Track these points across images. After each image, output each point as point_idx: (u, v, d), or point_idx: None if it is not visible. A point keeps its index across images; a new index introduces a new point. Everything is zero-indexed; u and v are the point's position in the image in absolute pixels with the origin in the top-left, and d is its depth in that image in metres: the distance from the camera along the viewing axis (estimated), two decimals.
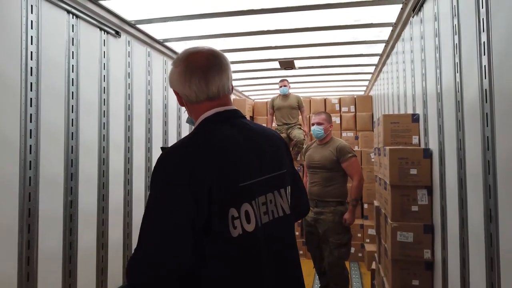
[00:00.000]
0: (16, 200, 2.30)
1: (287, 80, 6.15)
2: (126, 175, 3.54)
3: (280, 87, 6.13)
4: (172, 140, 4.52)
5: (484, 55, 1.67)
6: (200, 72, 1.18)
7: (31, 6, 2.42)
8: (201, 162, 1.06)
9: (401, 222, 2.73)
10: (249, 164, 1.16)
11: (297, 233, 5.35)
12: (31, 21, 2.42)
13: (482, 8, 1.68)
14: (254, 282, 1.10)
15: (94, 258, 3.06)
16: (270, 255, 1.14)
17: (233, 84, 1.41)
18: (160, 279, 1.00)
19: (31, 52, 2.41)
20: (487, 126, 1.65)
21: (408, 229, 2.69)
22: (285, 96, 6.22)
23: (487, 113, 1.64)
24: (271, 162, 1.24)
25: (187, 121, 1.41)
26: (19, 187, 2.31)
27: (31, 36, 2.42)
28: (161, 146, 4.11)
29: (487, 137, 1.64)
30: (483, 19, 1.68)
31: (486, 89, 1.65)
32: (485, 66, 1.66)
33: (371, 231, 5.30)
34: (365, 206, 5.77)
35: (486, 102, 1.65)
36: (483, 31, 1.68)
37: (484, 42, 1.67)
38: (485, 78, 1.65)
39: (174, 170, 1.06)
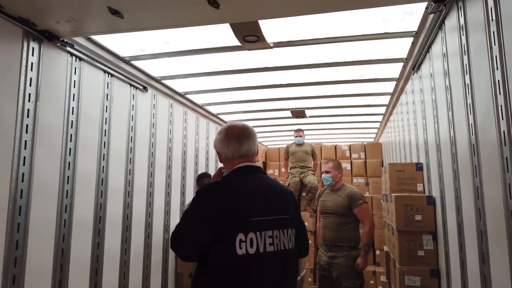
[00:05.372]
0: (52, 241, 2.53)
1: (302, 131, 6.49)
2: (147, 219, 3.76)
3: (296, 136, 6.47)
4: (190, 186, 4.77)
5: (471, 114, 1.91)
6: (235, 138, 1.74)
7: (75, 68, 2.79)
8: (222, 199, 1.57)
9: (408, 266, 2.86)
10: (263, 205, 1.62)
11: (309, 279, 5.39)
12: (74, 81, 2.78)
13: (467, 74, 1.95)
14: (244, 285, 1.54)
15: None
16: (267, 271, 1.56)
17: None
18: (181, 250, 1.62)
19: (73, 107, 2.75)
20: (476, 177, 1.85)
21: (415, 273, 2.81)
22: (299, 144, 6.53)
23: (475, 165, 1.86)
24: (279, 207, 1.68)
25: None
26: (55, 229, 2.55)
27: (73, 94, 2.77)
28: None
29: (477, 186, 1.84)
30: (468, 84, 1.94)
31: (473, 144, 1.87)
32: (471, 124, 1.89)
33: (384, 278, 5.30)
34: (377, 252, 5.80)
35: (474, 155, 1.87)
36: (469, 93, 1.93)
37: (469, 103, 1.92)
38: (472, 135, 1.88)
39: (202, 201, 1.62)
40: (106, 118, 3.14)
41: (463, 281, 2.17)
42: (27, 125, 2.33)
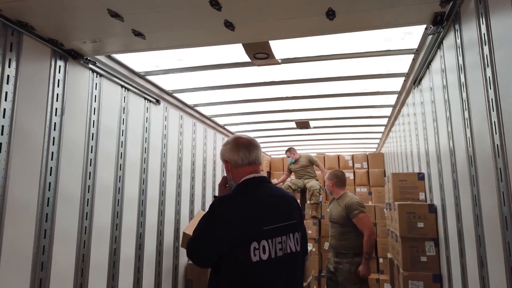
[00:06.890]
0: (74, 247, 2.68)
1: (290, 151, 6.85)
2: (159, 226, 3.91)
3: (287, 157, 6.90)
4: (198, 195, 4.92)
5: (468, 128, 2.07)
6: (244, 147, 1.89)
7: (96, 84, 2.97)
8: (236, 212, 1.68)
9: (412, 271, 2.99)
10: (272, 214, 1.74)
11: (315, 287, 5.51)
12: (95, 95, 2.96)
13: (464, 91, 2.11)
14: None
15: None
16: (279, 274, 1.69)
17: None
18: (197, 260, 1.76)
19: (93, 120, 2.92)
20: (474, 186, 2.01)
21: (418, 278, 2.94)
22: (295, 162, 6.89)
23: (473, 175, 2.01)
24: (286, 214, 1.81)
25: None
26: (77, 236, 2.70)
27: (94, 108, 2.94)
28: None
29: (475, 195, 1.99)
30: (465, 99, 2.10)
31: (471, 156, 2.03)
32: (469, 137, 2.05)
33: (388, 286, 5.40)
34: (381, 260, 5.91)
35: (472, 166, 2.02)
36: (466, 108, 2.09)
37: (466, 117, 2.08)
38: (470, 147, 2.04)
39: (215, 214, 1.72)
40: (122, 130, 3.31)
41: (464, 284, 2.31)
42: (53, 137, 2.49)
